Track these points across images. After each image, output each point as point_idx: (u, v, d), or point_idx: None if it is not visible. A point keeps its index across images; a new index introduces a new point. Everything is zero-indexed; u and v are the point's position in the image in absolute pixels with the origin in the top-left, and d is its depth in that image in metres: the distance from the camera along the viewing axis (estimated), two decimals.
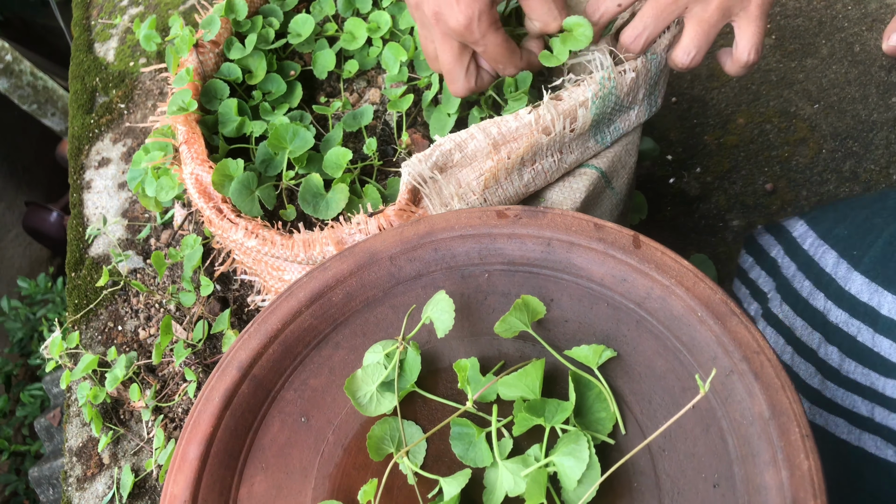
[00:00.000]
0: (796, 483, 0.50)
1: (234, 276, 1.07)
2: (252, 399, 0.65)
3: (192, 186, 0.86)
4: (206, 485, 0.61)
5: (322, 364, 0.66)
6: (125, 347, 1.11)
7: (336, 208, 0.83)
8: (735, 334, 0.55)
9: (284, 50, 1.00)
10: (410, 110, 0.94)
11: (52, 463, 1.37)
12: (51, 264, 2.41)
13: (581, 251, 0.63)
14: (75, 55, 1.45)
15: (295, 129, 0.86)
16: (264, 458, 0.63)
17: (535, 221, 0.65)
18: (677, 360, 0.58)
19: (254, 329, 0.66)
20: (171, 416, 1.03)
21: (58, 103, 2.43)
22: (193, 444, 0.62)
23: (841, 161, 1.17)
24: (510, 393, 0.59)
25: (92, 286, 1.17)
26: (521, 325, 0.62)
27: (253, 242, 0.81)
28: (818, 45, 1.28)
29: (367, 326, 0.67)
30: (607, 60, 0.76)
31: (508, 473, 0.56)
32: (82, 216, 1.26)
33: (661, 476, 0.55)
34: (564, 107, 0.75)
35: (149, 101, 1.33)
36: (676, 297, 0.58)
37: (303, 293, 0.67)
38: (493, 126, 0.73)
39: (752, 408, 0.53)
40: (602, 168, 0.83)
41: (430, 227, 0.67)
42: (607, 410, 0.58)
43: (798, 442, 0.51)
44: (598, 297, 0.62)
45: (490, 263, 0.66)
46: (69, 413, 1.12)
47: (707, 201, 1.21)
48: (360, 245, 0.68)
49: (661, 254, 0.60)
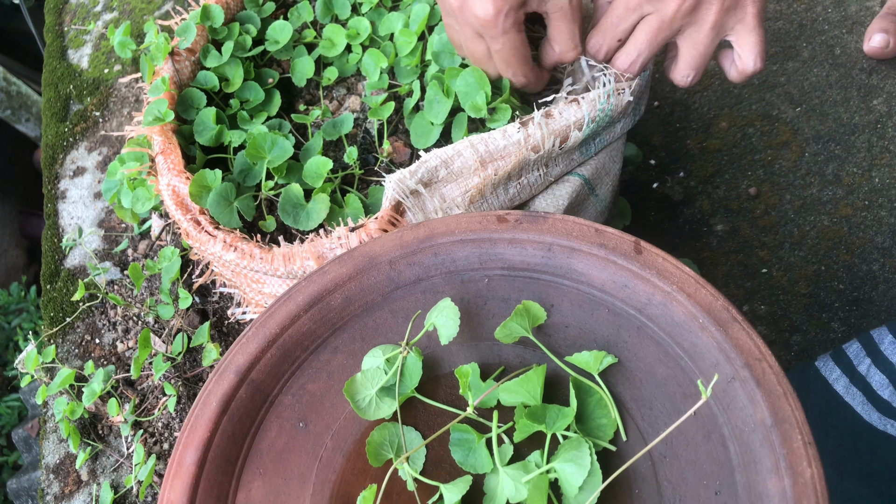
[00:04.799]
0: (799, 491, 0.49)
1: (213, 289, 1.05)
2: (250, 404, 0.64)
3: (169, 198, 0.84)
4: (203, 490, 0.60)
5: (320, 369, 0.65)
6: (103, 361, 1.08)
7: (317, 219, 0.82)
8: (737, 341, 0.55)
9: (262, 57, 0.98)
10: (391, 118, 0.93)
11: (30, 475, 1.34)
12: (25, 272, 2.36)
13: (582, 257, 0.62)
14: (48, 62, 1.42)
15: (273, 139, 0.84)
16: (262, 463, 0.62)
17: (536, 226, 0.64)
18: (678, 366, 0.57)
19: (252, 333, 0.65)
20: (150, 431, 1.01)
21: (32, 109, 2.39)
22: (190, 449, 0.61)
23: (824, 164, 1.17)
24: (511, 399, 0.58)
25: (68, 299, 1.15)
26: (522, 330, 0.61)
27: (231, 256, 0.79)
28: (799, 49, 1.28)
29: (366, 331, 0.66)
30: (611, 85, 0.75)
31: (509, 480, 0.55)
32: (57, 226, 1.24)
33: (662, 483, 0.54)
34: (556, 126, 0.73)
35: (125, 108, 1.30)
36: (678, 303, 0.58)
37: (301, 297, 0.66)
38: (482, 143, 0.72)
39: (754, 415, 0.53)
40: (585, 175, 0.82)
41: (429, 232, 0.66)
42: (608, 417, 0.57)
43: (801, 449, 0.50)
44: (598, 303, 0.62)
45: (490, 268, 0.65)
46: (46, 429, 1.09)
47: (691, 206, 1.20)
48: (359, 249, 0.67)
49: (663, 260, 0.60)
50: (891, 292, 1.07)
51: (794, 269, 1.12)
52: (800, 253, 1.13)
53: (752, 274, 1.13)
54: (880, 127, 1.18)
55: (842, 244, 1.12)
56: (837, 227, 1.13)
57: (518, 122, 0.73)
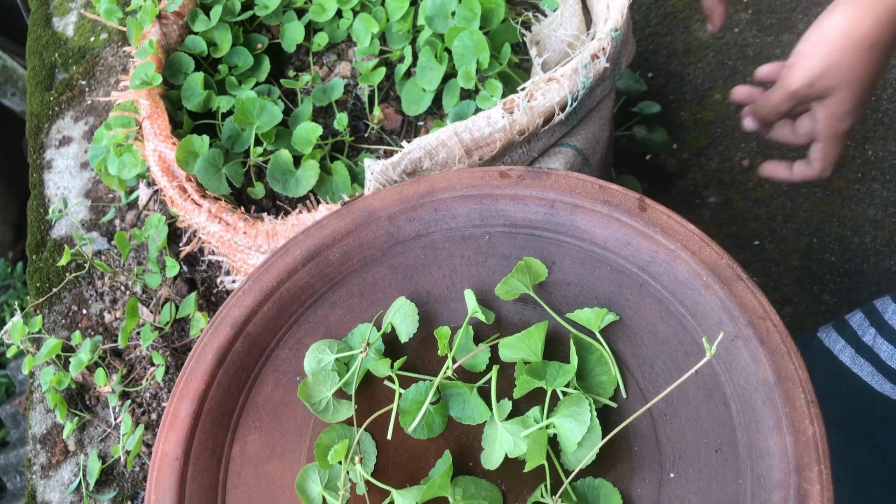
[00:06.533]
0: (801, 448, 0.49)
1: (201, 257, 1.04)
2: (246, 357, 0.63)
3: (155, 164, 0.83)
4: (198, 442, 0.60)
5: (318, 323, 0.64)
6: (90, 331, 1.07)
7: (306, 186, 0.80)
8: (741, 299, 0.54)
9: (251, 22, 0.97)
10: (382, 84, 0.91)
11: (18, 451, 1.33)
12: (12, 249, 2.34)
13: (585, 213, 0.61)
14: (32, 29, 1.40)
15: (262, 104, 0.83)
16: (258, 416, 0.61)
17: (539, 183, 0.63)
18: (681, 324, 0.57)
19: (248, 286, 0.64)
20: (138, 402, 1.00)
21: (17, 83, 2.35)
22: (185, 401, 0.60)
23: None
24: (512, 355, 0.57)
25: (54, 268, 1.13)
26: (523, 287, 0.60)
27: (216, 227, 0.78)
28: (794, 20, 1.27)
29: (365, 286, 0.65)
30: (586, 55, 0.74)
31: (508, 434, 0.54)
32: (43, 196, 1.22)
33: (662, 440, 0.54)
34: (540, 108, 0.72)
35: (111, 77, 1.28)
36: (681, 261, 0.57)
37: (299, 251, 0.65)
38: (466, 132, 0.70)
39: (756, 373, 0.52)
40: (578, 146, 0.81)
41: (430, 187, 0.65)
42: (608, 374, 0.57)
43: (803, 408, 0.50)
44: (601, 261, 0.61)
45: (491, 225, 0.64)
46: (32, 399, 1.08)
47: (684, 178, 1.19)
48: (359, 203, 0.66)
49: (667, 217, 0.59)
50: (882, 264, 1.07)
51: (786, 241, 1.11)
52: (792, 225, 1.12)
53: (745, 246, 1.13)
54: (874, 100, 1.17)
55: (834, 217, 1.11)
56: (830, 199, 1.12)
57: (501, 106, 0.71)
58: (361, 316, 0.64)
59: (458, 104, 0.82)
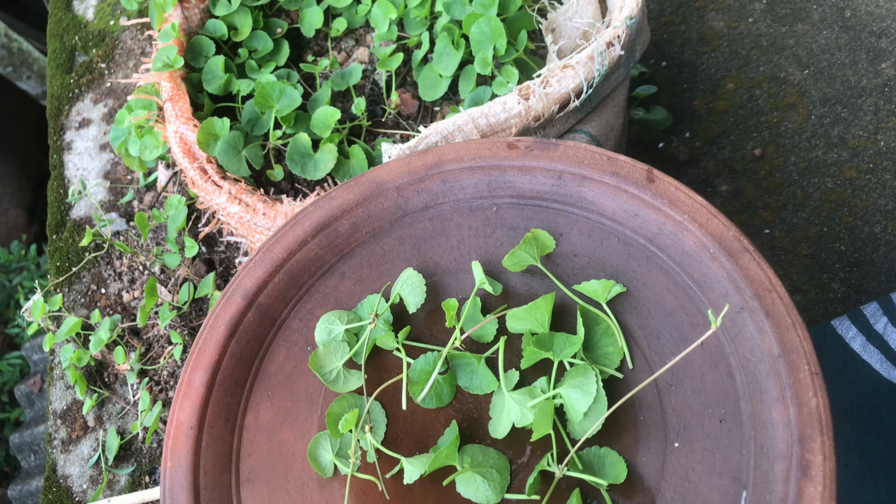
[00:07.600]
0: (804, 419, 0.50)
1: (219, 238, 1.06)
2: (258, 327, 0.64)
3: (177, 145, 0.85)
4: (212, 411, 0.61)
5: (328, 294, 0.65)
6: (109, 310, 1.09)
7: (325, 169, 0.82)
8: (747, 271, 0.55)
9: (271, 7, 0.98)
10: (400, 70, 0.93)
11: (33, 429, 1.35)
12: (26, 231, 2.36)
13: (593, 185, 0.62)
14: (53, 13, 1.41)
15: (282, 88, 0.84)
16: (270, 385, 0.63)
17: (547, 154, 0.64)
18: (687, 296, 0.58)
19: (259, 258, 0.65)
20: (156, 379, 1.02)
21: (33, 66, 2.37)
22: (199, 371, 0.62)
23: (829, 127, 1.17)
24: (519, 326, 0.58)
25: (74, 248, 1.16)
26: (530, 258, 0.61)
27: (236, 209, 0.80)
28: (809, 10, 1.27)
29: (374, 258, 0.66)
30: (602, 43, 0.74)
31: (515, 404, 0.56)
32: (63, 177, 1.24)
33: (667, 411, 0.55)
34: (555, 95, 0.73)
35: (130, 60, 1.30)
36: (689, 232, 0.58)
37: (308, 222, 0.66)
38: (482, 118, 0.71)
39: (761, 345, 0.53)
40: (592, 133, 0.82)
41: (438, 158, 0.66)
42: (615, 345, 0.58)
43: (807, 379, 0.51)
44: (608, 232, 0.62)
45: (499, 196, 0.65)
46: (52, 376, 1.11)
47: (696, 166, 1.20)
48: (367, 175, 0.67)
49: (675, 189, 0.60)
50: (892, 254, 1.08)
51: (796, 230, 1.12)
52: (802, 214, 1.13)
53: (755, 234, 1.13)
54: (888, 90, 1.18)
55: (845, 206, 1.12)
56: (841, 189, 1.13)
57: (517, 92, 0.72)
58: (370, 287, 0.65)
59: (475, 90, 0.83)
